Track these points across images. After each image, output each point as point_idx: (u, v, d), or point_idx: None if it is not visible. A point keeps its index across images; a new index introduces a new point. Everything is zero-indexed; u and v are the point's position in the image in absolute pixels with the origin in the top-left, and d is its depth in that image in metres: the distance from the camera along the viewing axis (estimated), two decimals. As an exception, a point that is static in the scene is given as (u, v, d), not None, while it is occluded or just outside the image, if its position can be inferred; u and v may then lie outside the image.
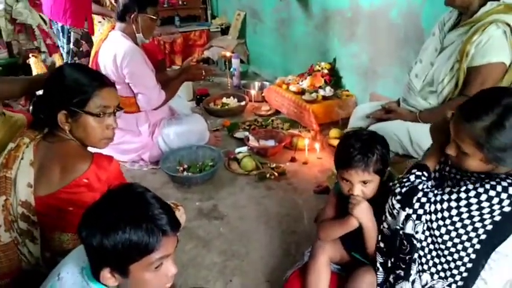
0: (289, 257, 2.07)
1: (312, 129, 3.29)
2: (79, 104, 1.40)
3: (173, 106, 3.28)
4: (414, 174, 1.39)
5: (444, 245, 1.32)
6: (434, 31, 2.15)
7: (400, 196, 1.35)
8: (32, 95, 1.70)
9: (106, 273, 1.03)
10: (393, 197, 1.38)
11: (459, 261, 1.32)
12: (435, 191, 1.32)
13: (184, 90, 3.88)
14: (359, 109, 2.57)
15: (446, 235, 1.30)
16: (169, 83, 3.02)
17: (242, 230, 2.31)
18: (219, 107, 3.90)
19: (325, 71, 3.54)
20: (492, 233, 1.26)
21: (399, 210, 1.35)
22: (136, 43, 2.81)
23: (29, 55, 4.06)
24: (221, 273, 2.01)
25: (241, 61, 4.72)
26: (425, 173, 1.40)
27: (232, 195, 2.65)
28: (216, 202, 2.58)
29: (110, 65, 2.74)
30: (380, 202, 1.45)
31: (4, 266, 1.37)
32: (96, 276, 1.05)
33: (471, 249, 1.30)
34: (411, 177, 1.38)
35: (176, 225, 1.07)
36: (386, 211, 1.41)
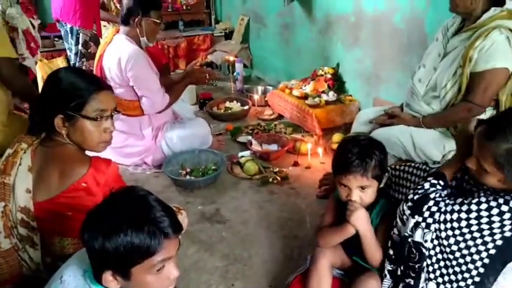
0: (291, 262, 2.05)
1: (315, 133, 3.29)
2: (76, 108, 1.38)
3: (176, 110, 3.28)
4: (429, 182, 1.37)
5: (452, 255, 1.30)
6: (438, 36, 2.16)
7: (411, 203, 1.34)
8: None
9: (108, 276, 1.03)
10: (404, 203, 1.36)
11: (466, 273, 1.30)
12: (447, 201, 1.30)
13: (188, 94, 3.89)
14: (362, 114, 2.57)
15: (455, 245, 1.28)
16: (173, 87, 3.03)
17: (244, 234, 2.31)
18: (222, 111, 3.90)
19: (328, 76, 3.54)
20: (502, 249, 1.23)
21: (408, 216, 1.34)
22: (140, 46, 2.83)
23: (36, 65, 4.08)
24: (223, 277, 2.00)
25: (244, 65, 4.72)
26: (441, 182, 1.37)
27: (234, 199, 2.65)
28: (219, 206, 2.58)
29: (114, 68, 2.75)
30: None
31: (5, 272, 1.37)
32: (98, 279, 1.05)
33: (480, 262, 1.27)
34: (425, 184, 1.36)
35: (178, 228, 1.07)
36: (397, 216, 1.39)
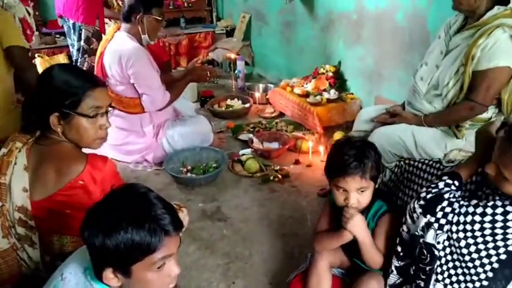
0: (292, 260, 2.05)
1: (316, 132, 3.29)
2: (71, 106, 1.38)
3: (177, 107, 3.28)
4: (444, 181, 1.33)
5: (462, 257, 1.27)
6: (440, 34, 2.14)
7: (424, 201, 1.30)
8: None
9: (109, 273, 1.03)
10: (416, 201, 1.33)
11: (475, 276, 1.27)
12: (461, 202, 1.27)
13: (189, 91, 3.89)
14: (364, 112, 2.56)
15: (465, 248, 1.25)
16: (174, 84, 3.02)
17: (245, 232, 2.31)
18: (223, 109, 3.90)
19: (330, 74, 3.53)
20: None
21: (419, 215, 1.31)
22: (141, 44, 2.82)
23: (35, 55, 4.08)
24: (224, 275, 2.00)
25: (245, 63, 4.72)
26: (456, 182, 1.33)
27: (235, 197, 2.65)
28: (220, 204, 2.58)
29: (115, 66, 2.75)
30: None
31: (4, 272, 1.36)
32: (99, 276, 1.05)
33: (489, 266, 1.24)
34: (440, 184, 1.32)
35: (178, 225, 1.07)
36: (407, 214, 1.36)
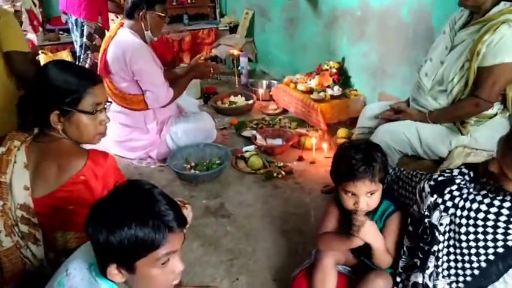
0: (296, 256, 2.05)
1: (320, 128, 3.28)
2: (72, 103, 1.38)
3: (181, 104, 3.28)
4: (460, 169, 1.34)
5: (459, 244, 1.28)
6: (445, 29, 2.13)
7: (434, 182, 1.31)
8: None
9: (113, 269, 1.03)
10: (426, 181, 1.33)
11: (468, 264, 1.29)
12: (470, 189, 1.27)
13: (192, 88, 3.89)
14: (368, 109, 2.55)
15: (465, 235, 1.26)
16: (177, 81, 3.02)
17: (249, 229, 2.31)
18: (227, 106, 3.90)
19: (333, 70, 3.52)
20: (510, 251, 1.21)
21: (427, 194, 1.31)
22: (145, 40, 2.82)
23: (39, 52, 4.09)
24: (227, 271, 2.00)
25: (249, 60, 4.70)
26: (471, 173, 1.33)
27: (239, 193, 2.65)
28: (223, 200, 2.58)
29: (118, 62, 2.74)
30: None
31: (8, 271, 1.37)
32: (103, 272, 1.06)
33: (484, 257, 1.26)
34: (455, 171, 1.33)
35: (182, 221, 1.07)
36: (417, 193, 1.37)
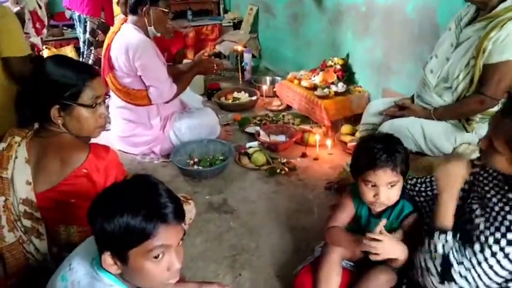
0: (299, 253, 2.05)
1: (324, 125, 3.26)
2: (72, 97, 1.39)
3: (184, 100, 3.28)
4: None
5: None
6: (450, 26, 2.11)
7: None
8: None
9: (107, 257, 1.03)
10: None
11: None
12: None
13: (196, 84, 3.88)
14: (372, 105, 2.54)
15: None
16: (181, 77, 3.02)
17: (252, 225, 2.31)
18: (230, 102, 3.89)
19: (338, 67, 3.50)
20: None
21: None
22: (148, 36, 2.81)
23: (43, 47, 4.09)
24: (230, 267, 2.01)
25: (253, 56, 4.70)
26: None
27: (242, 189, 2.65)
28: (226, 196, 2.58)
29: (122, 58, 2.75)
30: None
31: (12, 266, 1.37)
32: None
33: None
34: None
35: (179, 215, 1.07)
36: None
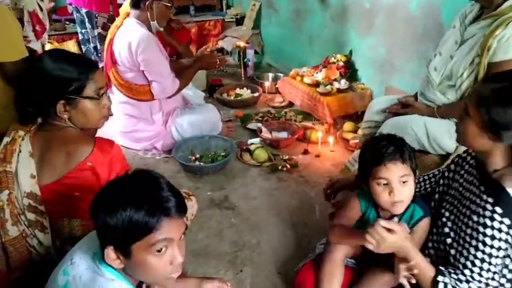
0: (300, 249, 2.05)
1: (326, 122, 3.26)
2: (76, 91, 1.39)
3: (186, 95, 3.27)
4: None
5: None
6: (455, 23, 2.09)
7: None
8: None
9: (110, 252, 1.03)
10: None
11: None
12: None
13: (198, 79, 3.88)
14: (375, 103, 2.53)
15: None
16: (183, 72, 3.01)
17: (253, 221, 2.31)
18: (232, 98, 3.88)
19: (340, 64, 3.49)
20: None
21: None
22: (151, 30, 2.80)
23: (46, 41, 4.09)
24: (232, 263, 2.01)
25: (255, 52, 4.68)
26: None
27: (243, 186, 2.65)
28: (228, 193, 2.57)
29: (124, 52, 2.74)
30: None
31: (15, 260, 1.38)
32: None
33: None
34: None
35: (181, 209, 1.07)
36: None
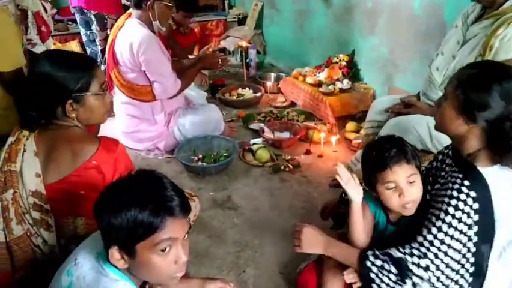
0: (303, 250, 2.05)
1: (328, 122, 3.26)
2: (83, 89, 1.41)
3: (189, 95, 3.27)
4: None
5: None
6: (457, 23, 2.09)
7: None
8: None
9: (115, 252, 1.04)
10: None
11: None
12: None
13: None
14: (377, 103, 2.53)
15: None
16: (185, 72, 3.02)
17: (256, 222, 2.30)
18: (235, 98, 3.88)
19: (343, 63, 3.48)
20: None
21: None
22: (153, 30, 2.80)
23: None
24: (234, 263, 2.01)
25: (257, 52, 4.68)
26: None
27: (246, 186, 2.65)
28: (230, 193, 2.58)
29: (126, 53, 2.74)
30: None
31: (19, 259, 1.38)
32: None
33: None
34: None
35: (185, 208, 1.08)
36: None
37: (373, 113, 2.46)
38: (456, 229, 1.23)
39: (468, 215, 1.21)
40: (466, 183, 1.22)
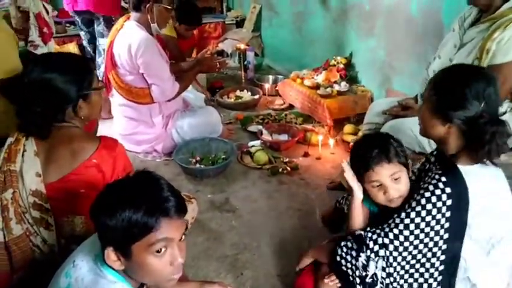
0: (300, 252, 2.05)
1: (326, 124, 3.26)
2: (89, 86, 1.46)
3: (187, 98, 3.27)
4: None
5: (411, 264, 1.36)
6: (454, 27, 2.11)
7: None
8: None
9: (110, 253, 1.04)
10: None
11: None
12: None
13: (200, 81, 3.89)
14: (375, 105, 2.54)
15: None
16: (183, 75, 3.02)
17: (254, 224, 2.31)
18: (233, 100, 3.89)
19: (341, 66, 3.49)
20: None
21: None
22: (151, 33, 2.81)
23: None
24: (232, 266, 2.01)
25: (255, 54, 4.68)
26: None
27: (244, 188, 2.65)
28: (228, 195, 2.58)
29: (124, 55, 2.74)
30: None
31: (18, 260, 1.39)
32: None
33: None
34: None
35: (181, 210, 1.08)
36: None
37: (371, 115, 2.47)
38: (423, 220, 1.28)
39: (439, 210, 1.26)
40: (443, 179, 1.27)
